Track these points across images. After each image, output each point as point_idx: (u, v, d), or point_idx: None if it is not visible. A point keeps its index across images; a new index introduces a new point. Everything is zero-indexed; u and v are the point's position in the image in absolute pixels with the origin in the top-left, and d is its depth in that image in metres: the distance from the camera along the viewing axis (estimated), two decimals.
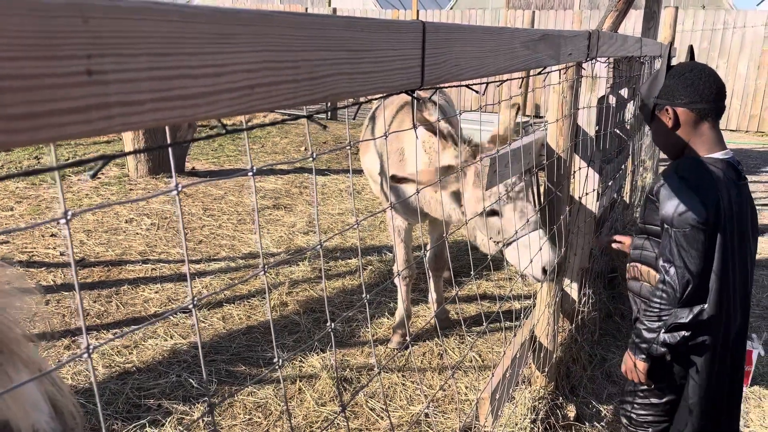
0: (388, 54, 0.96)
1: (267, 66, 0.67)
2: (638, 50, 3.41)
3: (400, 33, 0.99)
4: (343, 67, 0.83)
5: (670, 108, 1.94)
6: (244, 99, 0.66)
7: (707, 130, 1.93)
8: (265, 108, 0.69)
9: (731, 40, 11.81)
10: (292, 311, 3.81)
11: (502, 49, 1.49)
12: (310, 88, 0.76)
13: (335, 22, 0.80)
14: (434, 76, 1.13)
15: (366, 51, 0.90)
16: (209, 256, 4.67)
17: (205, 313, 3.77)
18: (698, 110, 1.92)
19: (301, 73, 0.73)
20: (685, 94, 1.92)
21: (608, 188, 3.66)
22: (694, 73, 1.93)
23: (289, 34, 0.71)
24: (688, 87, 1.92)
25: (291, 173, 7.34)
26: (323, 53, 0.79)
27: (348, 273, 4.45)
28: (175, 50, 0.57)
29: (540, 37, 1.78)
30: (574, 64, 2.44)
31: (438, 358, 3.35)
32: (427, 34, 1.07)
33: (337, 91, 0.85)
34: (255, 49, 0.66)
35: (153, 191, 6.25)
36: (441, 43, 1.13)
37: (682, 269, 1.83)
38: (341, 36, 0.82)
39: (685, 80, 1.93)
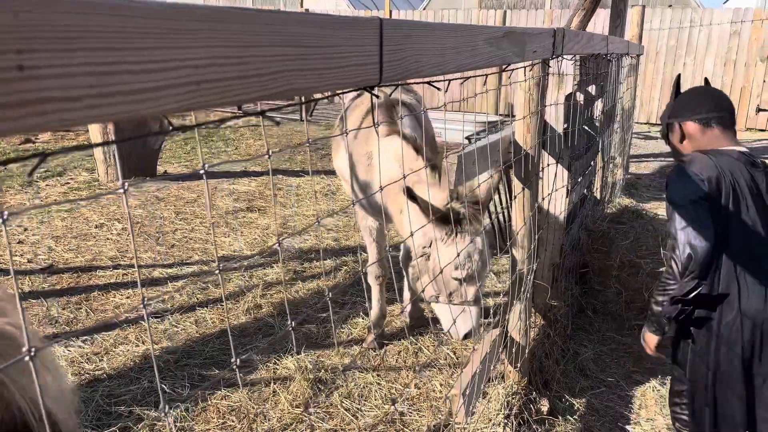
0: (343, 50, 0.96)
1: (214, 62, 0.66)
2: (604, 48, 3.46)
3: (356, 29, 0.99)
4: (295, 63, 0.83)
5: (676, 123, 2.21)
6: (190, 95, 0.66)
7: (717, 134, 2.12)
8: (214, 104, 0.69)
9: (698, 37, 12.05)
10: (266, 314, 3.78)
11: (464, 46, 1.50)
12: (260, 84, 0.75)
13: (287, 18, 0.80)
14: (394, 73, 1.14)
15: (320, 47, 0.90)
16: (182, 260, 4.62)
17: (177, 317, 3.72)
18: (699, 120, 2.14)
19: (250, 70, 0.72)
20: (685, 109, 2.19)
21: (578, 184, 3.70)
22: (694, 92, 2.24)
23: (239, 30, 0.70)
24: (687, 104, 2.19)
25: (265, 175, 7.30)
26: (275, 49, 0.78)
27: (323, 274, 4.43)
28: (116, 45, 0.56)
29: (504, 34, 1.79)
30: (539, 61, 2.47)
31: (413, 356, 3.36)
32: (384, 31, 1.07)
33: (290, 87, 0.84)
34: (202, 44, 0.65)
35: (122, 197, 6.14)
36: (400, 39, 1.14)
37: (683, 245, 1.93)
38: (294, 32, 0.82)
39: (686, 98, 2.23)
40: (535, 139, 2.56)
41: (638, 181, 7.49)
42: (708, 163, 2.00)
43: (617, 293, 3.82)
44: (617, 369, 3.33)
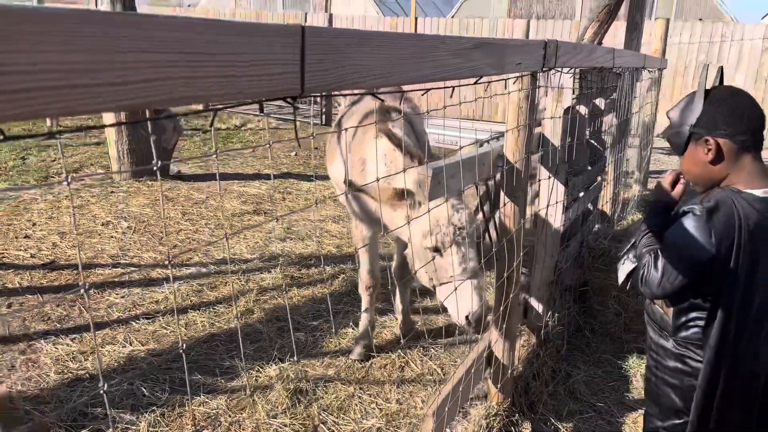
0: (244, 58, 0.90)
1: (47, 68, 0.62)
2: (610, 61, 3.35)
3: (264, 37, 0.93)
4: (175, 71, 0.78)
5: (711, 139, 1.73)
6: (24, 102, 0.61)
7: (748, 164, 1.75)
8: (52, 113, 0.64)
9: (729, 52, 11.75)
10: (256, 319, 3.75)
11: (423, 56, 1.44)
12: (118, 94, 0.70)
13: (160, 22, 0.75)
14: (322, 83, 1.08)
15: (211, 54, 0.84)
16: (182, 261, 4.62)
17: (168, 319, 3.71)
18: (741, 141, 1.73)
19: (101, 77, 0.68)
20: (727, 123, 1.72)
21: (578, 200, 3.60)
22: (737, 99, 1.75)
23: (85, 34, 0.65)
24: (730, 115, 1.73)
25: (277, 178, 7.30)
26: (145, 55, 0.73)
27: (320, 281, 4.39)
28: None
29: (474, 45, 1.73)
30: (528, 73, 2.39)
31: (399, 370, 3.29)
32: (307, 39, 1.02)
33: (166, 96, 0.79)
34: (38, 49, 0.61)
35: (134, 194, 6.21)
36: (329, 48, 1.08)
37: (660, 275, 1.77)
38: (172, 38, 0.77)
39: (727, 108, 1.74)
40: (523, 153, 2.48)
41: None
42: (731, 222, 1.67)
43: (616, 314, 3.70)
44: (610, 393, 3.21)
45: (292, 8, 21.94)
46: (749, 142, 1.73)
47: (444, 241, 2.49)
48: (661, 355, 1.92)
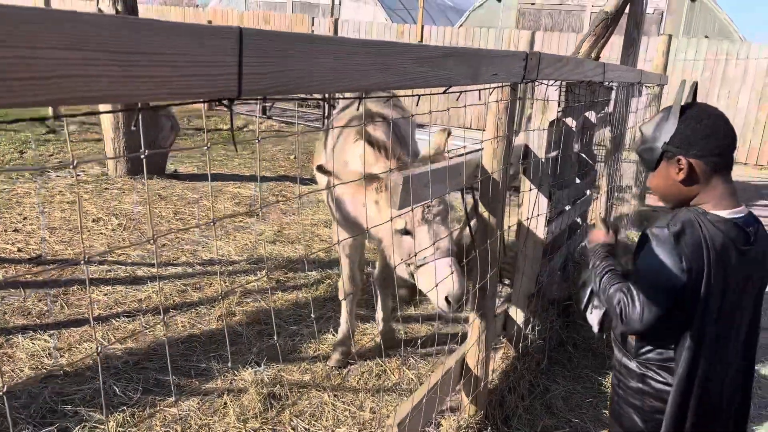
0: (179, 59, 0.89)
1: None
2: (600, 75, 3.33)
3: (200, 38, 0.92)
4: (102, 69, 0.77)
5: (684, 159, 1.69)
6: None
7: (719, 184, 1.71)
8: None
9: (734, 71, 11.72)
10: (237, 322, 3.73)
11: (379, 63, 1.43)
12: (34, 88, 0.69)
13: (85, 20, 0.74)
14: (261, 86, 1.07)
15: (142, 54, 0.84)
16: (168, 260, 4.61)
17: (148, 318, 3.70)
18: (713, 163, 1.69)
19: (15, 72, 0.67)
20: (701, 144, 1.68)
21: (564, 213, 3.57)
22: (713, 120, 1.70)
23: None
24: (704, 137, 1.68)
25: (273, 180, 7.30)
26: (61, 52, 0.73)
27: (305, 286, 4.37)
28: None
29: (444, 54, 1.71)
30: (507, 85, 2.37)
31: (376, 378, 3.26)
32: (245, 42, 1.01)
33: (89, 93, 0.78)
34: None
35: (128, 192, 6.22)
36: (269, 51, 1.07)
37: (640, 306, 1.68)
38: (96, 35, 0.76)
39: (702, 128, 1.69)
40: (501, 164, 2.46)
41: (653, 214, 7.25)
42: (699, 246, 1.64)
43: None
44: (587, 410, 3.17)
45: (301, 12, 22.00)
46: (721, 164, 1.70)
47: (413, 221, 2.46)
48: (624, 374, 1.89)
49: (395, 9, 24.58)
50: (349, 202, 2.98)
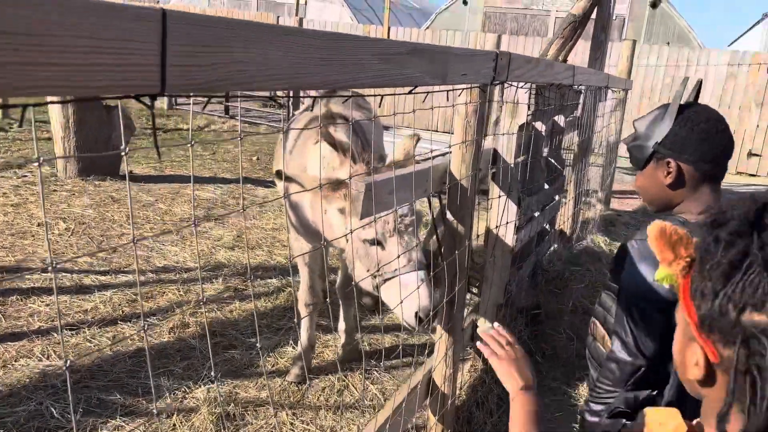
0: (79, 44, 0.72)
1: None
2: (569, 78, 3.24)
3: (106, 19, 0.75)
4: None
5: (674, 162, 1.58)
6: None
7: (707, 193, 1.61)
8: None
9: (694, 77, 11.91)
10: (191, 334, 3.52)
11: (341, 59, 1.27)
12: None
13: None
14: (192, 81, 0.89)
15: (25, 35, 0.66)
16: (119, 267, 4.36)
17: (94, 331, 3.45)
18: (704, 170, 1.58)
19: None
20: (694, 149, 1.57)
21: (533, 220, 3.47)
22: (711, 124, 1.58)
23: None
24: (699, 142, 1.56)
25: (232, 182, 7.06)
26: None
27: (265, 294, 4.17)
28: None
29: (409, 51, 1.56)
30: (477, 86, 2.24)
31: (337, 394, 3.09)
32: (171, 27, 0.83)
33: None
34: None
35: (78, 194, 5.90)
36: (205, 40, 0.90)
37: (633, 349, 1.55)
38: None
39: (698, 133, 1.57)
40: (470, 170, 2.32)
41: (618, 218, 7.25)
42: None
43: (569, 339, 3.57)
44: (557, 424, 3.06)
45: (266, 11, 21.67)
46: (711, 172, 1.59)
47: (385, 231, 2.30)
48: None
49: (361, 9, 24.43)
50: (309, 209, 2.81)
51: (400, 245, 2.24)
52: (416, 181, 2.14)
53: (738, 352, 0.73)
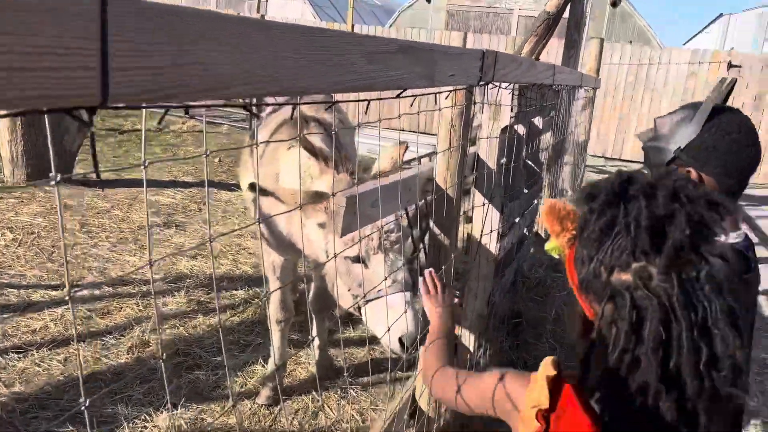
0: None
1: None
2: (550, 78, 3.10)
3: (22, 12, 0.54)
4: None
5: (695, 173, 1.42)
6: None
7: None
8: None
9: (656, 75, 12.06)
10: (151, 354, 3.26)
11: (323, 59, 1.07)
12: None
13: None
14: (143, 88, 0.69)
15: None
16: (72, 280, 4.05)
17: (44, 353, 3.17)
18: (727, 185, 1.42)
19: None
20: (721, 162, 1.41)
21: (515, 225, 3.33)
22: (742, 136, 1.43)
23: None
24: (728, 154, 1.41)
25: (193, 186, 6.75)
26: None
27: (231, 307, 3.94)
28: None
29: (398, 49, 1.37)
30: (464, 88, 2.07)
31: (312, 417, 2.89)
32: (114, 20, 0.63)
33: None
34: None
35: (27, 201, 5.53)
36: (161, 35, 0.70)
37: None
38: None
39: (729, 143, 1.41)
40: (455, 178, 2.16)
41: None
42: None
43: (551, 348, 3.45)
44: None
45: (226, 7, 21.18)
46: (734, 187, 1.44)
47: (369, 248, 2.11)
48: None
49: (323, 6, 24.14)
50: (284, 222, 2.59)
51: (385, 264, 2.05)
52: (401, 191, 1.96)
53: (604, 307, 0.83)
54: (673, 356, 0.78)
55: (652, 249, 0.80)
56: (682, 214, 0.80)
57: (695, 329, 0.77)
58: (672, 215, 0.81)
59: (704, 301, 0.78)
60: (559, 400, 0.93)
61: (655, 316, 0.78)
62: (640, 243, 0.80)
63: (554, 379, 0.95)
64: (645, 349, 0.78)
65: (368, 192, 1.79)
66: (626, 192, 0.85)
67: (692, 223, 0.80)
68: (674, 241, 0.79)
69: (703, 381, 0.77)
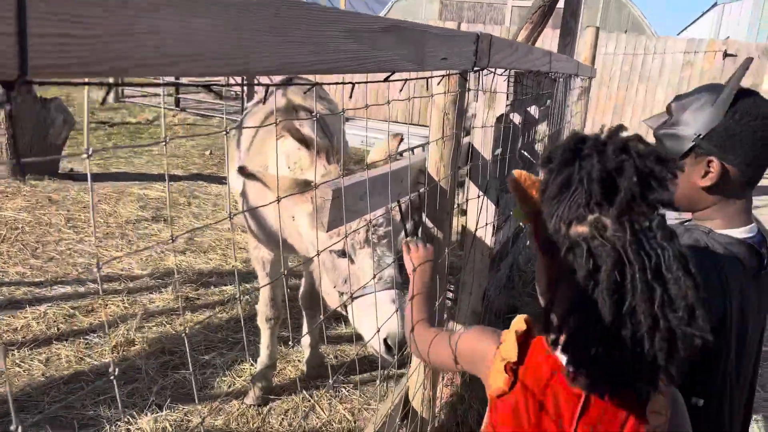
0: None
1: None
2: (547, 65, 2.99)
3: None
4: None
5: (717, 161, 1.31)
6: None
7: (741, 202, 1.38)
8: None
9: (651, 65, 11.96)
10: (137, 353, 3.16)
11: (292, 34, 0.96)
12: None
13: None
14: (75, 62, 0.59)
15: None
16: (56, 277, 3.94)
17: (25, 353, 3.06)
18: (748, 175, 1.33)
19: None
20: (747, 150, 1.31)
21: (510, 218, 3.23)
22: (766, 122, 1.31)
23: None
24: (752, 139, 1.31)
25: (183, 180, 6.63)
26: None
27: (219, 303, 3.83)
28: None
29: (384, 28, 1.27)
30: (457, 73, 1.96)
31: (303, 417, 2.79)
32: None
33: None
34: None
35: (11, 196, 5.40)
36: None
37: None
38: None
39: (752, 130, 1.30)
40: (449, 169, 2.05)
41: None
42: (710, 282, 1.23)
43: None
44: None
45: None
46: (755, 177, 1.33)
47: (354, 242, 2.01)
48: None
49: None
50: (272, 214, 2.49)
51: (371, 259, 1.94)
52: (392, 183, 1.85)
53: (564, 258, 0.86)
54: (628, 296, 0.81)
55: (605, 200, 0.84)
56: (632, 166, 0.84)
57: (649, 272, 0.81)
58: (622, 168, 0.84)
59: (657, 248, 0.82)
60: (528, 353, 0.98)
61: (609, 260, 0.81)
62: (594, 194, 0.84)
63: (525, 334, 1.00)
64: (601, 290, 0.81)
65: (356, 184, 1.69)
66: (581, 151, 0.88)
67: (642, 175, 0.84)
68: (625, 191, 0.83)
69: (658, 321, 0.80)
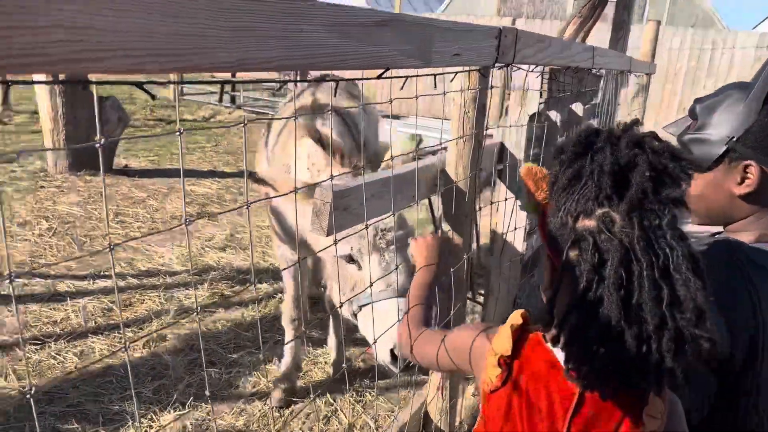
0: None
1: None
2: (588, 61, 2.82)
3: None
4: None
5: (756, 166, 1.18)
6: None
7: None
8: None
9: (720, 60, 11.33)
10: (166, 349, 3.19)
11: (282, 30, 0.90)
12: None
13: None
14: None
15: None
16: (98, 271, 4.04)
17: (61, 345, 3.14)
18: None
19: None
20: None
21: None
22: None
23: None
24: None
25: (230, 177, 6.72)
26: None
27: (253, 301, 3.83)
28: None
29: (379, 22, 1.19)
30: (477, 69, 1.85)
31: (324, 422, 2.74)
32: None
33: None
34: None
35: (67, 191, 5.60)
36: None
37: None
38: None
39: None
40: (468, 171, 1.94)
41: None
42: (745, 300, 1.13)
43: None
44: None
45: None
46: None
47: (362, 248, 1.93)
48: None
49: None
50: (290, 213, 2.45)
51: (379, 266, 1.86)
52: (403, 186, 1.77)
53: (569, 251, 0.83)
54: (634, 294, 0.77)
55: (616, 194, 0.81)
56: (645, 161, 0.81)
57: (656, 270, 0.77)
58: (635, 162, 0.81)
59: (666, 247, 0.78)
60: (523, 348, 0.96)
61: (616, 255, 0.78)
62: (603, 188, 0.81)
63: (521, 328, 0.98)
64: (606, 285, 0.78)
65: (357, 187, 1.61)
66: (593, 144, 0.85)
67: (655, 172, 0.81)
68: (636, 186, 0.79)
69: (666, 321, 0.76)
